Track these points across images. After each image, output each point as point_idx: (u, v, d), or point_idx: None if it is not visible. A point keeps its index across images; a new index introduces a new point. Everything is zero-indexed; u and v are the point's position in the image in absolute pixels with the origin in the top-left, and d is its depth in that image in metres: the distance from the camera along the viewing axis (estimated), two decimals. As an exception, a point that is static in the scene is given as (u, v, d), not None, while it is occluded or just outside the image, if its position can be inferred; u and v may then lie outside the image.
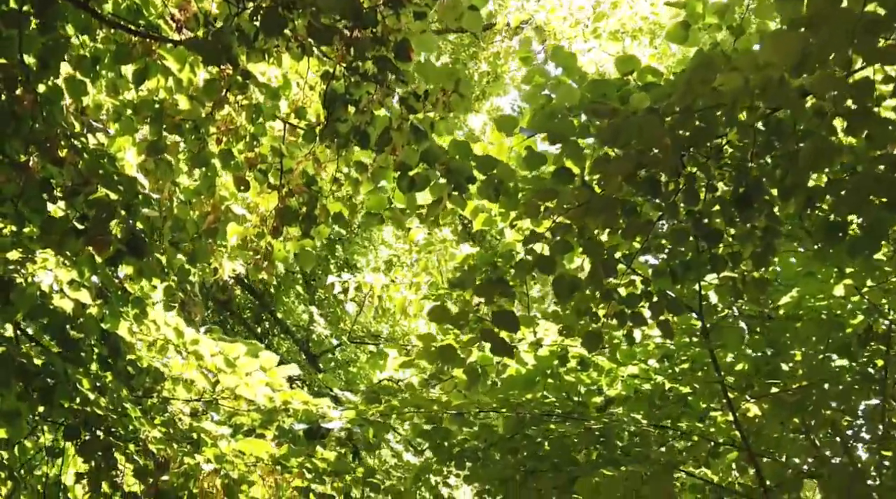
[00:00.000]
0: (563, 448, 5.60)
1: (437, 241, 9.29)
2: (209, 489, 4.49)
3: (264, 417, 5.17)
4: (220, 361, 4.71)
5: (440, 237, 9.20)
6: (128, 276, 4.54)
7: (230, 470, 4.59)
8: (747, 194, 3.99)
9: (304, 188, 3.92)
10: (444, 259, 9.60)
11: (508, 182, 3.64)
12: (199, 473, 4.52)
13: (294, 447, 4.64)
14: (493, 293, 3.62)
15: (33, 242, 3.84)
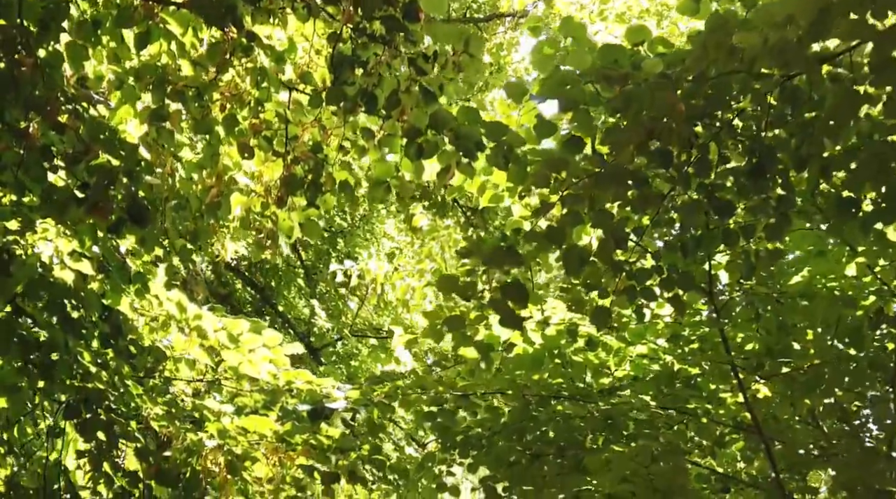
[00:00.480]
0: (569, 432, 5.54)
1: (441, 227, 9.22)
2: (212, 466, 4.43)
3: (267, 397, 5.10)
4: (224, 336, 4.64)
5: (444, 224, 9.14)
6: (129, 250, 4.47)
7: (233, 445, 4.52)
8: (761, 165, 3.93)
9: (310, 155, 3.85)
10: (447, 246, 9.54)
11: (518, 149, 3.57)
12: (201, 449, 4.45)
13: (298, 425, 4.57)
14: (504, 262, 3.55)
15: (33, 212, 3.78)
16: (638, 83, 3.70)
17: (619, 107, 3.73)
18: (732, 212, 4.15)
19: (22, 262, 3.94)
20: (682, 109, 3.40)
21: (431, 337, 5.03)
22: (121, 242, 4.50)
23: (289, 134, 3.91)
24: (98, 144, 3.47)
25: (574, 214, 3.94)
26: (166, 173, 4.43)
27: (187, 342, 4.70)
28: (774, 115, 3.82)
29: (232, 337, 4.63)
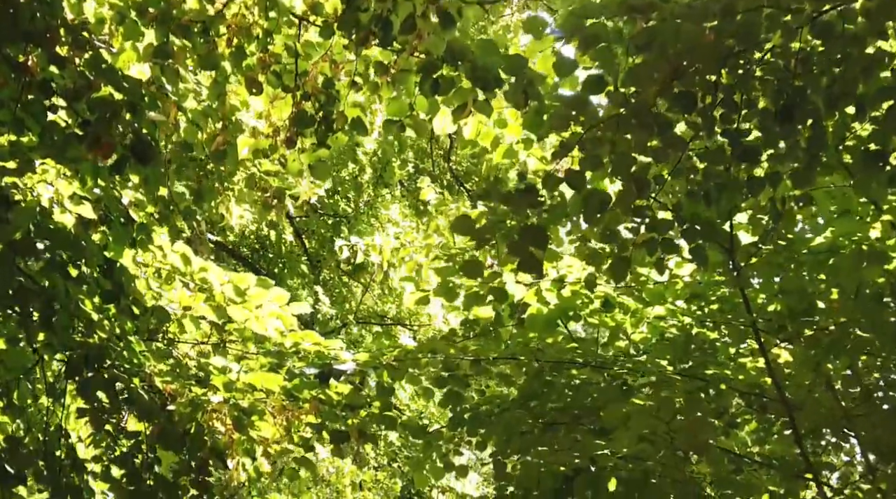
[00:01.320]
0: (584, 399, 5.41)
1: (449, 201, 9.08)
2: (218, 424, 4.30)
3: (274, 360, 4.97)
4: (230, 290, 4.51)
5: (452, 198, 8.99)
6: (132, 202, 4.35)
7: (240, 399, 4.39)
8: (789, 107, 3.79)
9: (321, 89, 3.71)
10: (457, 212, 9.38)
11: (538, 86, 3.43)
12: (207, 405, 4.33)
13: (306, 380, 4.44)
14: (523, 204, 3.42)
15: (32, 152, 3.64)
16: (663, 18, 3.57)
17: (643, 44, 3.59)
18: (758, 158, 4.02)
19: (21, 209, 3.81)
20: (712, 38, 3.26)
21: (443, 295, 4.89)
22: (123, 194, 4.37)
23: (299, 68, 3.78)
24: (100, 77, 3.34)
25: (594, 159, 3.80)
26: (170, 123, 4.30)
27: (192, 298, 4.57)
28: (805, 53, 3.69)
29: (239, 291, 4.49)
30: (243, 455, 4.66)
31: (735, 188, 4.08)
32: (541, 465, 4.75)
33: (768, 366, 4.94)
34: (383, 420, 4.55)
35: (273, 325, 4.63)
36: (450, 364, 5.50)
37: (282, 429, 4.53)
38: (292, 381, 4.40)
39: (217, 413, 4.33)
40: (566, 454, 4.56)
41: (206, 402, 4.35)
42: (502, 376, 5.74)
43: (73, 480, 4.87)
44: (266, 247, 16.72)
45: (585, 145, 3.77)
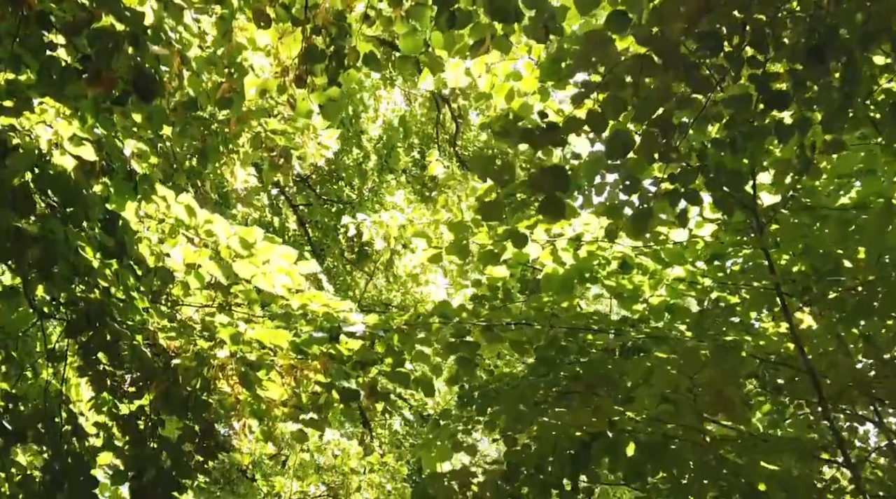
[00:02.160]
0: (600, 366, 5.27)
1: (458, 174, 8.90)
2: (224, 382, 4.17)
3: (281, 322, 4.83)
4: (236, 243, 4.36)
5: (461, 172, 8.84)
6: (134, 153, 4.21)
7: (247, 352, 4.25)
8: (820, 46, 3.64)
9: (333, 21, 3.56)
10: (465, 195, 9.25)
11: (559, 21, 3.28)
12: (212, 359, 4.19)
13: (315, 336, 4.30)
14: (545, 141, 3.27)
15: (31, 90, 3.51)
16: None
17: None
18: (787, 103, 3.87)
19: (19, 154, 3.67)
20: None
21: (456, 253, 4.75)
22: (125, 144, 4.23)
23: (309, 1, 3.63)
24: (101, 7, 3.20)
25: (617, 102, 3.66)
26: (174, 72, 4.16)
27: (197, 254, 4.43)
28: (839, -13, 3.54)
29: (245, 244, 4.34)
30: (250, 416, 4.53)
31: (762, 135, 3.93)
32: (558, 428, 4.61)
33: (792, 329, 4.79)
34: (396, 377, 4.41)
35: (281, 281, 4.49)
36: (461, 330, 5.37)
37: (289, 389, 4.40)
38: (301, 336, 4.26)
39: (223, 369, 4.19)
40: (585, 415, 4.41)
41: (212, 357, 4.21)
42: (515, 344, 5.60)
43: (73, 446, 4.74)
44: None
45: (608, 86, 3.63)
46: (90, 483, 4.49)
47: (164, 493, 4.39)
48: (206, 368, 4.23)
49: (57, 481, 4.53)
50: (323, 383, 4.38)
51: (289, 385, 4.39)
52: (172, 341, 4.29)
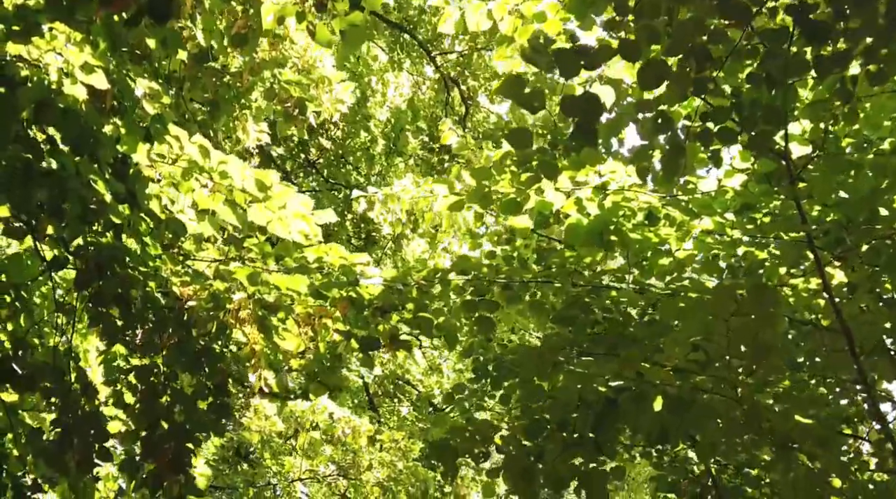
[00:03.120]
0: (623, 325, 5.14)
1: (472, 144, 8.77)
2: (238, 324, 4.05)
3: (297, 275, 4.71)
4: (252, 185, 4.24)
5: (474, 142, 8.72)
6: (146, 94, 4.09)
7: (265, 293, 4.13)
8: (864, -28, 3.51)
9: (355, -61, 3.45)
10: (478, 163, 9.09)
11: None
12: (228, 302, 4.08)
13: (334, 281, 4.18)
14: (575, 64, 3.14)
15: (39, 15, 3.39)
16: None
17: None
18: (827, 36, 3.73)
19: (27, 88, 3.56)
20: None
21: (478, 201, 4.63)
22: (137, 85, 4.12)
23: (331, -85, 3.50)
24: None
25: (650, 29, 3.53)
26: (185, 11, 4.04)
27: (211, 198, 4.31)
28: None
29: (262, 185, 4.22)
30: (266, 368, 4.42)
31: (800, 70, 3.80)
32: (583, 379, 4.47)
33: (824, 282, 4.66)
34: (418, 323, 4.29)
35: (297, 227, 4.37)
36: (480, 288, 5.25)
37: (307, 339, 4.28)
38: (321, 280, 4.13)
39: (239, 315, 4.07)
40: (611, 366, 4.28)
41: (228, 300, 4.09)
42: (534, 306, 5.48)
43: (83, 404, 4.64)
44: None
45: (642, 14, 3.51)
46: (102, 437, 4.39)
47: (178, 446, 4.29)
48: (222, 313, 4.12)
49: (67, 436, 4.43)
50: (342, 330, 4.27)
51: (306, 335, 4.27)
52: (186, 287, 4.17)
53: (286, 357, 4.40)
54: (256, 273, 4.16)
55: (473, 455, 4.45)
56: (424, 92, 18.56)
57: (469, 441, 4.27)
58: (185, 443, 4.27)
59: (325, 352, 4.31)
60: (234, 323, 4.12)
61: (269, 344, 4.27)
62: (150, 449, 4.31)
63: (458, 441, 4.27)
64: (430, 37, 17.92)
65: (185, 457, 4.28)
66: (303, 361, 4.40)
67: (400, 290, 4.57)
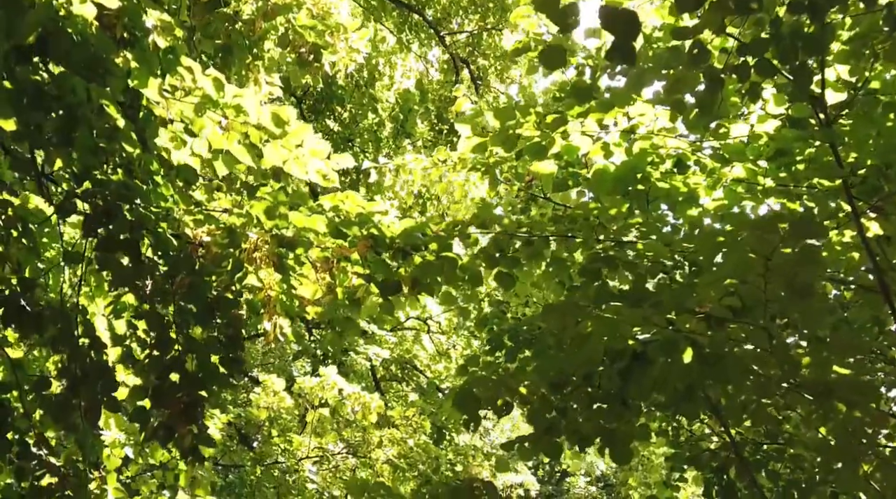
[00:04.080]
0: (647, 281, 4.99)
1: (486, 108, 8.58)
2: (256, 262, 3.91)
3: (311, 225, 4.56)
4: (268, 120, 4.09)
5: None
6: (157, 26, 3.95)
7: (284, 227, 3.98)
8: None
9: None
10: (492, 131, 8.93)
11: None
12: (244, 238, 3.94)
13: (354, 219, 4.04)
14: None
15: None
16: None
17: None
18: (874, -40, 3.58)
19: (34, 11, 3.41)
20: None
21: (501, 145, 4.48)
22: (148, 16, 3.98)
23: None
24: None
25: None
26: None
27: (224, 137, 4.17)
28: None
29: (279, 120, 4.06)
30: (282, 315, 4.28)
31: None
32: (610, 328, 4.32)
33: (861, 232, 4.50)
34: (442, 265, 4.14)
35: (315, 166, 4.22)
36: (501, 242, 5.10)
37: (324, 286, 4.14)
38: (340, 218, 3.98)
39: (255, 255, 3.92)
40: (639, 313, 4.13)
41: (244, 236, 3.95)
42: (557, 263, 5.34)
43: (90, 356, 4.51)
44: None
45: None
46: (110, 387, 4.26)
47: (190, 396, 4.16)
48: (238, 252, 3.97)
49: (75, 385, 4.31)
50: (361, 274, 4.12)
51: (323, 281, 4.13)
52: (200, 227, 4.03)
53: (302, 304, 4.26)
54: (274, 206, 4.02)
55: (496, 407, 4.31)
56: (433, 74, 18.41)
57: (493, 390, 4.13)
58: (197, 392, 4.14)
59: (343, 298, 4.17)
60: (249, 263, 3.97)
61: (286, 289, 4.13)
62: (161, 399, 4.18)
63: (481, 390, 4.13)
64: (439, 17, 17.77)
65: (197, 407, 4.15)
66: (319, 308, 4.26)
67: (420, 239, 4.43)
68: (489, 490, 7.70)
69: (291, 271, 4.04)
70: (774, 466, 7.26)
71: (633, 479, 12.36)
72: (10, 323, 3.91)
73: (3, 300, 3.81)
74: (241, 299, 4.19)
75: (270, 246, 3.92)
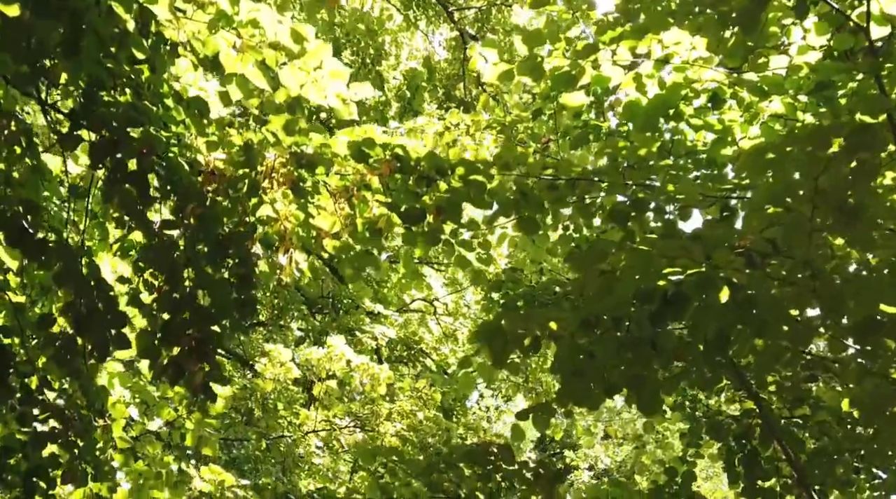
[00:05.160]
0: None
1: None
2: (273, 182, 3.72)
3: (327, 162, 4.37)
4: (286, 37, 3.88)
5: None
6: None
7: (305, 143, 3.78)
8: None
9: None
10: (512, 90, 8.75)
11: None
12: (260, 158, 3.75)
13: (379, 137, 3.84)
14: None
15: None
16: None
17: None
18: None
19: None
20: None
21: (528, 73, 4.30)
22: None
23: None
24: None
25: None
26: None
27: (239, 59, 3.97)
28: None
29: (298, 37, 3.84)
30: (297, 248, 4.10)
31: None
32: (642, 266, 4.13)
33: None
34: (469, 191, 3.94)
35: (334, 89, 4.02)
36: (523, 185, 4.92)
37: (342, 217, 3.95)
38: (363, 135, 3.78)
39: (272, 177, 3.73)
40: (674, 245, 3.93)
41: (261, 155, 3.76)
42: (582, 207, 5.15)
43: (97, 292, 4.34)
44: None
45: None
46: (118, 322, 4.09)
47: (201, 332, 3.98)
48: (254, 173, 3.79)
49: (80, 323, 4.14)
50: (383, 202, 3.94)
51: (342, 212, 3.94)
52: (213, 151, 3.84)
53: (319, 237, 4.07)
54: (294, 120, 3.82)
55: (523, 346, 4.13)
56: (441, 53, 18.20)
57: (521, 323, 3.95)
58: (208, 328, 3.97)
59: (363, 230, 3.98)
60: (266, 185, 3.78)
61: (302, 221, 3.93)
62: (171, 335, 4.01)
63: (510, 323, 3.94)
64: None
65: (209, 343, 3.98)
66: (337, 242, 4.07)
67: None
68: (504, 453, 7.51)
69: (310, 198, 3.85)
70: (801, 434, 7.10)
71: (645, 457, 12.20)
72: (15, 245, 3.74)
73: (6, 222, 3.63)
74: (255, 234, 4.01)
75: (289, 166, 3.73)
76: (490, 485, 7.32)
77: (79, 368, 4.66)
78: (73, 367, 4.62)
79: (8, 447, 4.70)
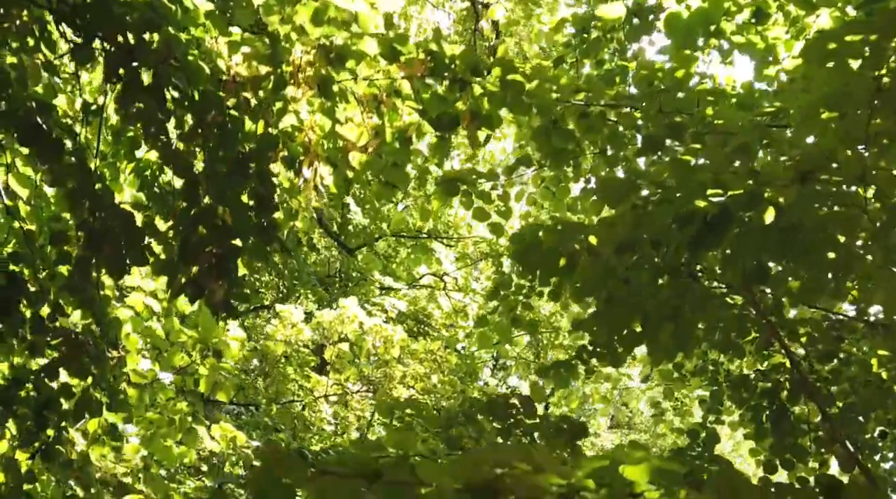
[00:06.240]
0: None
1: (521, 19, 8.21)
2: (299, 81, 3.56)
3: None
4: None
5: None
6: None
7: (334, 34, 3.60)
8: None
9: None
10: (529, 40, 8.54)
11: None
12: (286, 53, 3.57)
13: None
14: None
15: None
16: None
17: None
18: None
19: None
20: None
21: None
22: None
23: None
24: None
25: None
26: None
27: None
28: None
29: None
30: (323, 160, 3.93)
31: None
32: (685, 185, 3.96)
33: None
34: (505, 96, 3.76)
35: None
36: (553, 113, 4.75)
37: (370, 129, 3.78)
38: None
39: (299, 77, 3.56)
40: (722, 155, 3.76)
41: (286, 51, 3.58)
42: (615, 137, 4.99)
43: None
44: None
45: None
46: (135, 238, 3.94)
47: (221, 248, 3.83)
48: (279, 71, 3.62)
49: (95, 240, 3.98)
50: (414, 108, 3.77)
51: (370, 124, 3.77)
52: (236, 52, 3.67)
53: (345, 149, 3.90)
54: (323, 8, 3.64)
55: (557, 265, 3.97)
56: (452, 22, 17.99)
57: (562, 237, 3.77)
58: (229, 244, 3.81)
59: (393, 141, 3.82)
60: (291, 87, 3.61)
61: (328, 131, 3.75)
62: (190, 252, 3.85)
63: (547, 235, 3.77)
64: (459, -39, 17.35)
65: (228, 260, 3.82)
66: (365, 156, 3.91)
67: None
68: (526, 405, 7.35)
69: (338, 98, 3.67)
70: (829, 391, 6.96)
71: (664, 426, 12.03)
72: (28, 144, 3.58)
73: (19, 120, 3.47)
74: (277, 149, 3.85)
75: (317, 64, 3.55)
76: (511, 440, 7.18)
77: (91, 296, 4.52)
78: (86, 295, 4.48)
79: (18, 379, 4.57)
